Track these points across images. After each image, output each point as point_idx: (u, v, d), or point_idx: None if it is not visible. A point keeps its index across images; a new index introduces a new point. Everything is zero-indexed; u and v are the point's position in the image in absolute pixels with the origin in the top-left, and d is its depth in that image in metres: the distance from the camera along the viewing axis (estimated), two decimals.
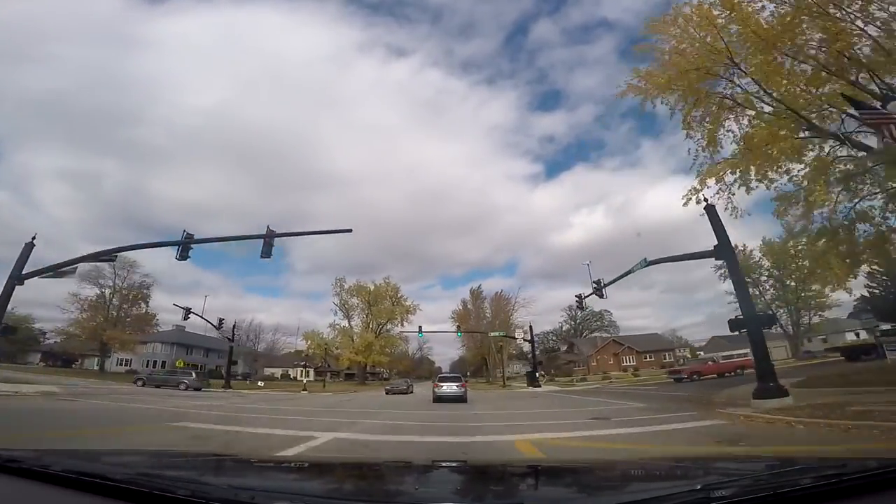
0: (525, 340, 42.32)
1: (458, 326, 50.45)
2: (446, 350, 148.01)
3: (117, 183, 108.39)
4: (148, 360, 55.36)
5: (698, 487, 1.26)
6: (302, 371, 73.46)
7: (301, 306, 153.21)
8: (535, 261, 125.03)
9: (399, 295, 64.27)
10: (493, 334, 47.38)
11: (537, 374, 41.52)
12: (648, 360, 62.38)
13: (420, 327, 45.91)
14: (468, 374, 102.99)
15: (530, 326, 42.67)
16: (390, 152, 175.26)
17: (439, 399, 18.73)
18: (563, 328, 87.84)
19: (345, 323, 62.97)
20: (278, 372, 73.69)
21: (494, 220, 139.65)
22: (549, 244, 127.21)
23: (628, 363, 62.09)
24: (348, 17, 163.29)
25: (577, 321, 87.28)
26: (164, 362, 54.50)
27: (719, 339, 56.91)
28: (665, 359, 61.99)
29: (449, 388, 19.20)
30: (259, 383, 36.08)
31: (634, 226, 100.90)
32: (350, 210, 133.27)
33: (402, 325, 60.80)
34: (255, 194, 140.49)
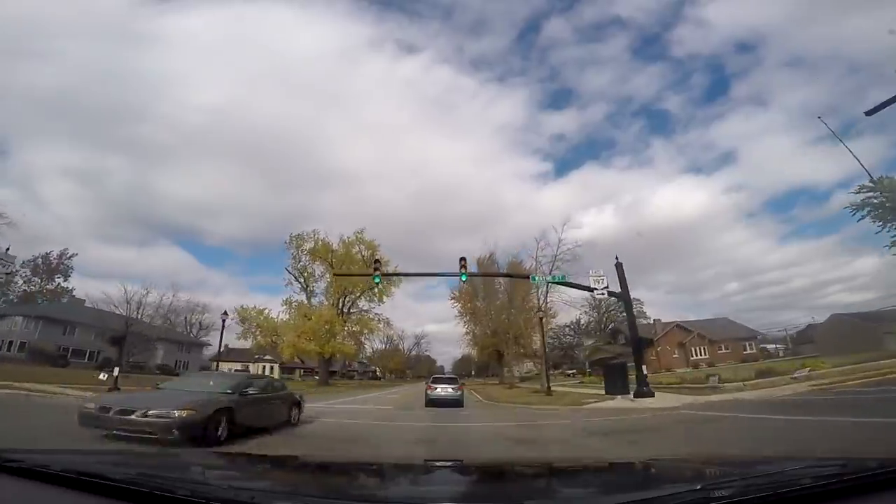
0: (605, 294, 20.64)
1: (463, 265, 21.44)
2: (448, 349, 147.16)
3: (123, 181, 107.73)
4: (3, 340, 42.17)
5: (698, 487, 1.26)
6: (264, 367, 62.06)
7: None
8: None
9: (377, 256, 43.77)
10: (540, 279, 24.78)
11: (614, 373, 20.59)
12: (724, 351, 48.84)
13: (376, 267, 24.08)
14: (473, 372, 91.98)
15: (618, 264, 19.95)
16: (397, 150, 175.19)
17: (432, 403, 16.74)
18: (582, 321, 72.27)
19: (302, 297, 43.82)
20: (234, 366, 61.32)
21: (502, 218, 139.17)
22: (556, 242, 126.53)
23: (699, 355, 49.07)
24: (359, 12, 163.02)
25: (602, 312, 72.21)
26: (22, 343, 40.94)
27: (843, 317, 43.47)
28: (746, 350, 48.75)
29: (444, 390, 17.42)
30: (101, 376, 23.03)
31: (643, 224, 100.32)
32: (355, 208, 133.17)
33: (382, 299, 41.74)
34: (260, 192, 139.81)
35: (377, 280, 23.85)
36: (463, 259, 20.34)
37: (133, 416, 6.43)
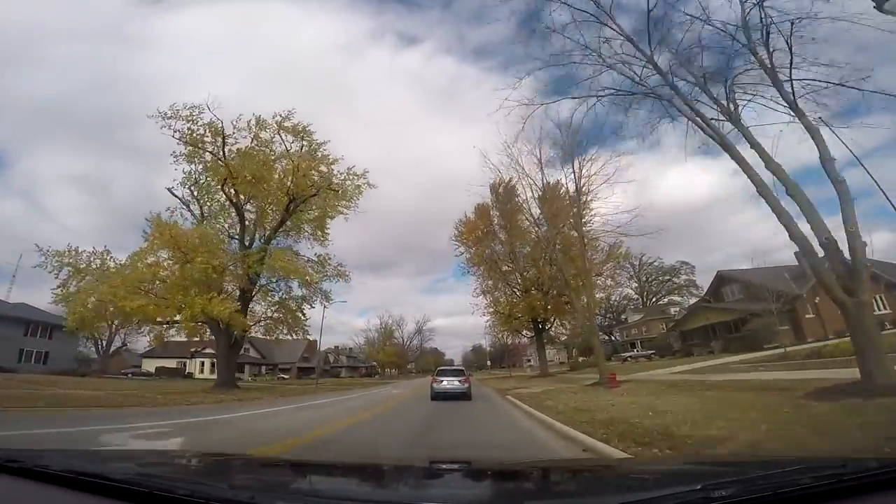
0: None
1: None
2: (459, 342, 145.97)
3: (127, 187, 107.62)
4: None
5: (698, 487, 1.26)
6: (202, 364, 49.78)
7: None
8: None
9: (313, 148, 24.90)
10: None
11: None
12: None
13: None
14: (488, 363, 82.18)
15: None
16: (401, 143, 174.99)
17: (438, 396, 16.04)
18: (612, 298, 52.58)
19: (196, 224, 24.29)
20: (166, 363, 48.77)
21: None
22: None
23: (878, 309, 28.43)
24: (357, 4, 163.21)
25: (644, 281, 58.89)
26: None
27: None
28: None
29: (450, 383, 16.50)
30: None
31: (651, 208, 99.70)
32: (361, 203, 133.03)
33: (323, 227, 25.67)
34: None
35: None
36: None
37: None
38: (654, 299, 60.14)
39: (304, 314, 26.02)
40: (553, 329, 35.12)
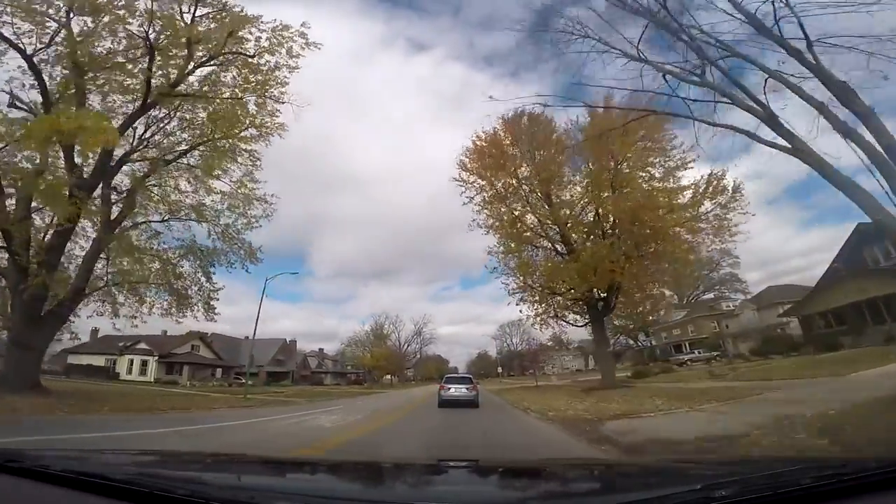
0: None
1: None
2: (466, 350, 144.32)
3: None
4: None
5: (698, 487, 1.26)
6: (131, 361, 40.60)
7: (324, 311, 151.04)
8: None
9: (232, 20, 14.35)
10: None
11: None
12: None
13: None
14: (500, 369, 75.45)
15: None
16: (410, 150, 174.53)
17: (445, 403, 15.81)
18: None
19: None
20: (94, 360, 39.81)
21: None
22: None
23: None
24: (369, 11, 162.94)
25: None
26: None
27: None
28: None
29: (457, 390, 16.33)
30: None
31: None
32: (370, 210, 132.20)
33: (231, 121, 15.41)
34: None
35: None
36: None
37: None
38: (690, 294, 54.63)
39: (210, 280, 16.72)
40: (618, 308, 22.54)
